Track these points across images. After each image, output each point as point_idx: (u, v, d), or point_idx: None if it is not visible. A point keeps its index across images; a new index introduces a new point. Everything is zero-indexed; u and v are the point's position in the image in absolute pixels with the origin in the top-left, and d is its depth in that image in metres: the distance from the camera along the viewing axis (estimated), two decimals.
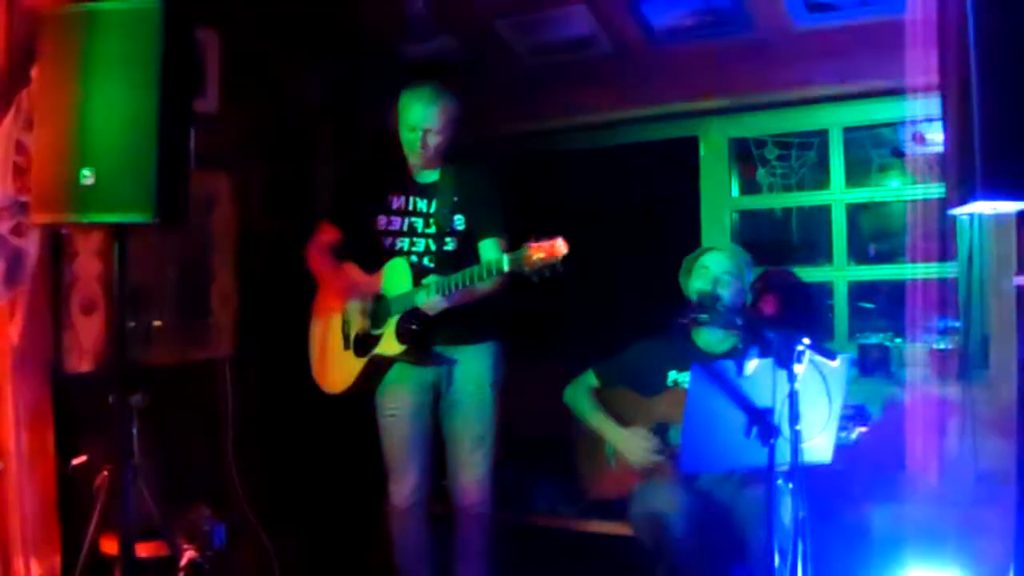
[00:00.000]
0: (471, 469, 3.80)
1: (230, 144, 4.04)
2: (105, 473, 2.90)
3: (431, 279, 3.49)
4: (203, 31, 3.81)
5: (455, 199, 3.77)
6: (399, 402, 3.82)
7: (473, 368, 3.81)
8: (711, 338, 3.81)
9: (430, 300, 3.47)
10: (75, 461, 3.24)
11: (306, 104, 4.56)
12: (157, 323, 3.82)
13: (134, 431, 2.97)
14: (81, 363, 3.44)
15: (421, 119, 3.64)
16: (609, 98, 4.62)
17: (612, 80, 4.54)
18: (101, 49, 2.78)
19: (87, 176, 2.74)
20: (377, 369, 3.76)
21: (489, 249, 3.70)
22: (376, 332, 3.72)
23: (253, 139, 4.22)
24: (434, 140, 3.67)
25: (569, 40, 4.41)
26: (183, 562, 3.17)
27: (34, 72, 3.01)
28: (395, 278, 3.66)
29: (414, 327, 3.60)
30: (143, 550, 3.09)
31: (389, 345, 3.64)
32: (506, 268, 3.20)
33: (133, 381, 2.99)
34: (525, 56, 4.58)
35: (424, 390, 3.82)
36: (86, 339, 3.46)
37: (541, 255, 3.07)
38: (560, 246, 3.05)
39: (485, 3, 4.23)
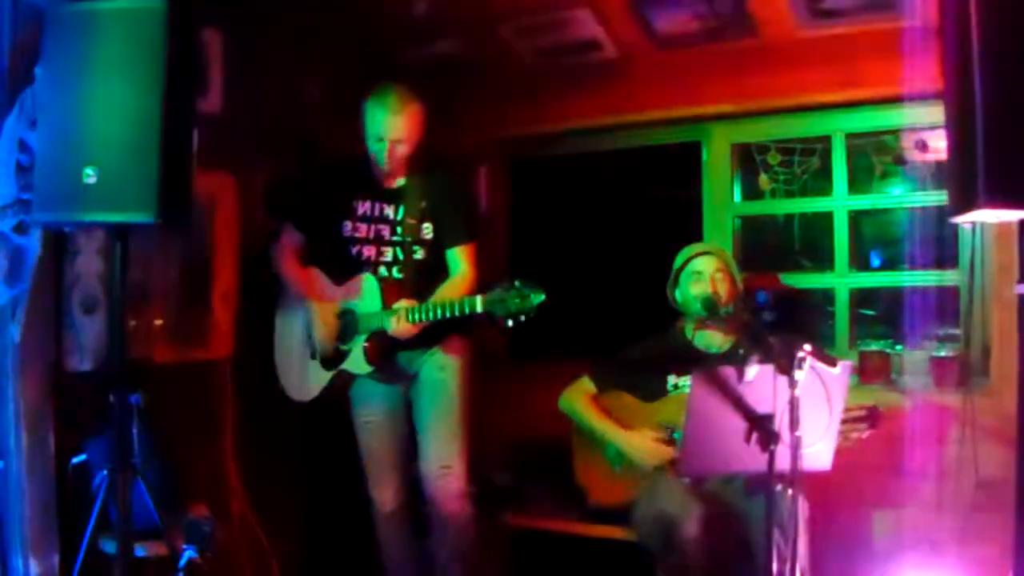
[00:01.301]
0: (436, 458, 3.70)
1: (233, 144, 4.04)
2: (104, 472, 2.91)
3: (401, 306, 3.46)
4: (206, 31, 3.81)
5: (423, 205, 3.67)
6: (372, 409, 3.81)
7: (438, 356, 3.76)
8: (710, 339, 3.81)
9: (399, 328, 3.44)
10: (74, 460, 3.25)
11: (308, 104, 4.55)
12: (158, 322, 3.81)
13: (134, 431, 2.98)
14: (82, 362, 3.44)
15: (386, 130, 3.53)
16: (612, 102, 4.62)
17: (615, 84, 4.54)
18: (105, 48, 2.78)
19: (90, 175, 2.74)
20: (343, 383, 3.75)
21: (456, 258, 3.66)
22: (343, 348, 3.68)
23: (256, 139, 4.21)
24: (401, 149, 3.58)
25: (573, 44, 4.41)
26: (182, 562, 3.16)
27: (38, 71, 3.02)
28: (364, 295, 3.61)
29: (382, 349, 3.59)
30: (142, 550, 3.09)
31: (356, 363, 3.61)
32: (479, 310, 3.21)
33: (133, 380, 2.99)
34: (528, 59, 4.58)
35: (396, 395, 3.81)
36: (87, 338, 3.46)
37: (516, 301, 3.09)
38: (535, 298, 3.08)
39: (488, 6, 4.23)
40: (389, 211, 3.70)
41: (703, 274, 3.77)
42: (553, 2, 4.16)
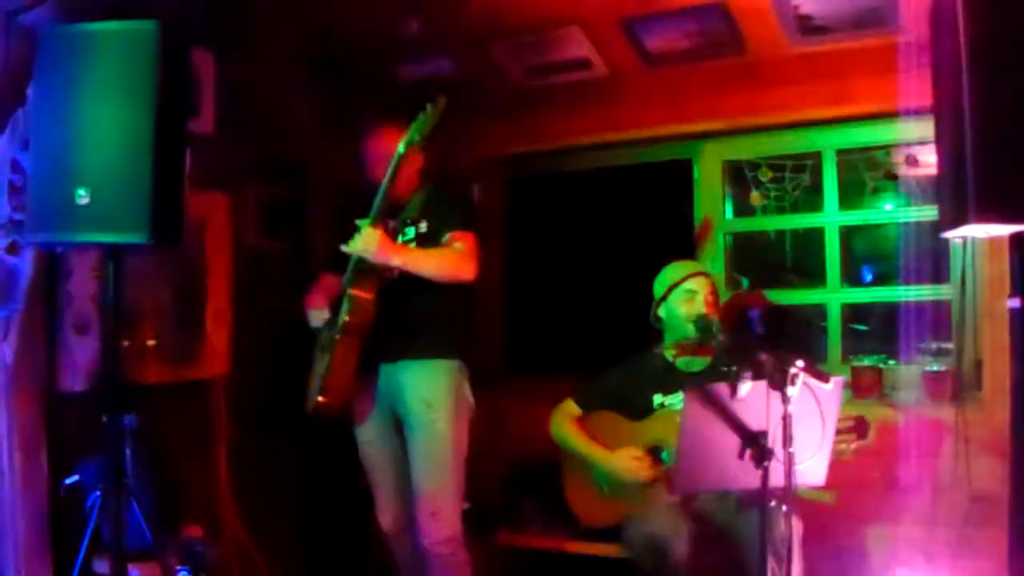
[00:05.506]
0: (425, 503, 3.55)
1: (225, 164, 4.04)
2: (98, 493, 2.90)
3: (364, 222, 3.47)
4: (198, 52, 3.81)
5: (417, 211, 3.70)
6: (366, 429, 3.78)
7: (421, 386, 3.61)
8: (690, 360, 3.82)
9: (356, 247, 3.43)
10: (67, 481, 3.24)
11: (300, 125, 4.56)
12: (151, 342, 3.81)
13: (127, 451, 2.97)
14: (74, 382, 3.43)
15: None
16: (603, 120, 4.63)
17: (606, 102, 4.55)
18: (97, 69, 2.79)
19: (82, 196, 2.75)
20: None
21: (449, 243, 3.60)
22: (333, 333, 3.55)
23: (247, 159, 4.21)
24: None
25: (564, 62, 4.41)
26: None
27: (30, 91, 3.02)
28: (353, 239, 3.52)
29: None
30: (135, 571, 3.07)
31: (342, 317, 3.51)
32: (403, 152, 3.42)
33: (126, 401, 2.99)
34: (520, 78, 4.58)
35: (385, 416, 3.74)
36: (80, 358, 3.45)
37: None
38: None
39: (480, 25, 4.24)
40: (391, 221, 3.65)
41: (697, 294, 3.78)
42: (543, 21, 4.17)
